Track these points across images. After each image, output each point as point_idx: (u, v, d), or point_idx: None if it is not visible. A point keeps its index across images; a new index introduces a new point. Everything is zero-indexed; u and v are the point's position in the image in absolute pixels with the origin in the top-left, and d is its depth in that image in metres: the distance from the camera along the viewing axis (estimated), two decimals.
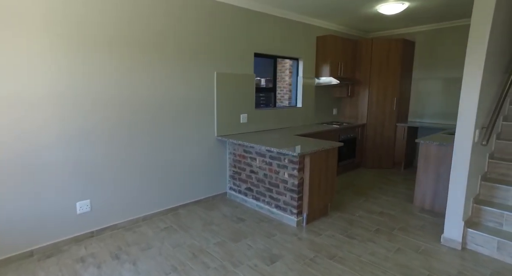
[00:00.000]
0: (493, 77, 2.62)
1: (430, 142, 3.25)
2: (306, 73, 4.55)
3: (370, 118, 5.00)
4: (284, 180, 2.99)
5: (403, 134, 4.92)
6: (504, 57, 2.81)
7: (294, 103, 4.66)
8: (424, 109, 5.15)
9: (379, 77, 4.87)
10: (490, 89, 2.61)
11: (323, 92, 4.96)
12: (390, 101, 4.91)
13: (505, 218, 2.55)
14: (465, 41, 4.80)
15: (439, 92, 4.96)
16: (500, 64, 2.74)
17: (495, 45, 2.47)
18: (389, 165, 5.09)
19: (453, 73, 4.76)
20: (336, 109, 5.31)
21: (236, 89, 3.64)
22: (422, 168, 3.37)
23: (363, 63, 4.94)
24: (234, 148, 3.55)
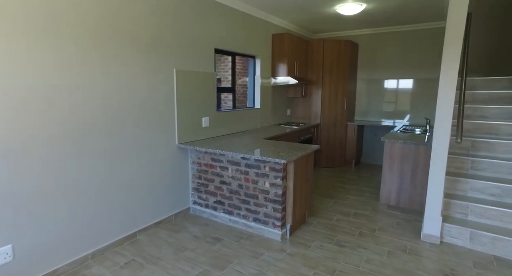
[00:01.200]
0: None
1: (395, 141, 3.35)
2: (263, 72, 4.32)
3: (324, 118, 5.05)
4: (264, 190, 2.69)
5: (354, 132, 5.11)
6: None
7: (252, 104, 4.39)
8: (368, 108, 5.45)
9: (330, 77, 4.95)
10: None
11: (279, 92, 4.81)
12: (341, 101, 5.04)
13: (470, 209, 2.73)
14: (402, 46, 5.34)
15: (378, 92, 5.30)
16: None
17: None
18: (341, 163, 5.24)
19: (390, 75, 5.13)
20: (290, 109, 5.23)
21: (197, 89, 3.19)
22: (388, 166, 3.47)
23: (315, 63, 4.96)
24: (198, 157, 3.09)
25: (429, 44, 4.79)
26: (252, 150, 2.76)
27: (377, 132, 5.42)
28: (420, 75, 4.92)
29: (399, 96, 5.14)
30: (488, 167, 2.98)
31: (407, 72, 5.02)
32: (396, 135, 3.64)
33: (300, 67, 4.71)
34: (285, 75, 4.40)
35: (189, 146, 2.96)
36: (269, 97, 4.56)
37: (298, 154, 2.60)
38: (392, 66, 5.13)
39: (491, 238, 2.51)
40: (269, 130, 4.07)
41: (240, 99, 6.53)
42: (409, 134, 3.85)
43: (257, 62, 4.25)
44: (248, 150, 2.76)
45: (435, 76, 4.80)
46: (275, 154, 2.56)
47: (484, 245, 2.53)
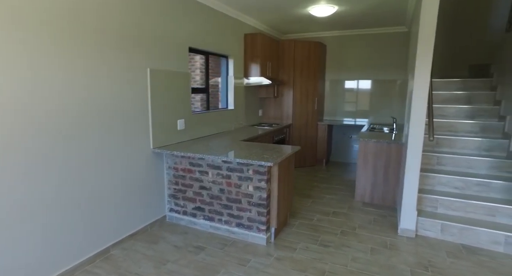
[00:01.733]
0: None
1: (369, 139, 3.47)
2: (236, 72, 4.23)
3: (295, 118, 5.10)
4: (248, 194, 2.62)
5: (324, 132, 5.23)
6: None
7: (225, 105, 4.28)
8: (335, 108, 5.61)
9: (301, 77, 5.01)
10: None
11: (251, 92, 4.76)
12: (312, 101, 5.13)
13: (439, 203, 2.91)
14: (367, 48, 5.58)
15: (344, 93, 5.49)
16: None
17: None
18: (313, 163, 5.33)
19: (355, 76, 5.34)
20: (262, 110, 5.21)
21: (172, 89, 3.01)
22: (362, 165, 3.58)
23: (287, 63, 4.98)
24: (175, 162, 2.92)
25: (391, 47, 5.06)
26: (233, 152, 2.67)
27: (346, 131, 5.61)
28: (381, 76, 5.17)
29: (362, 96, 5.36)
30: (450, 162, 3.21)
31: (370, 74, 5.25)
32: (369, 134, 3.77)
33: (272, 67, 4.69)
34: (258, 75, 4.35)
35: (165, 150, 2.78)
36: (242, 97, 4.48)
37: (282, 156, 2.57)
38: (357, 68, 5.33)
39: (459, 229, 2.69)
40: (244, 132, 3.99)
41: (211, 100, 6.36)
42: (378, 133, 4.02)
43: (230, 62, 4.15)
44: (228, 153, 2.67)
45: (395, 77, 5.08)
46: (259, 157, 2.50)
47: (453, 235, 2.71)
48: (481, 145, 3.25)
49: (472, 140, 3.28)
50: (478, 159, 3.09)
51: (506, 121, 3.25)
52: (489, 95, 3.69)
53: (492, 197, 2.87)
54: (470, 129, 3.47)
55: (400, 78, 5.05)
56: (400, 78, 5.06)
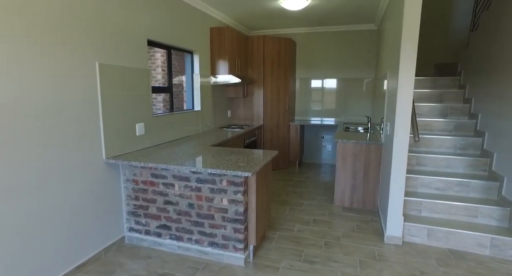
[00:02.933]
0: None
1: (347, 140, 3.29)
2: (202, 69, 3.84)
3: (266, 118, 4.82)
4: (222, 208, 2.27)
5: (297, 132, 5.02)
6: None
7: (191, 106, 3.87)
8: (306, 107, 5.43)
9: (272, 76, 4.74)
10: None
11: (219, 92, 4.39)
12: (283, 100, 4.89)
13: (422, 205, 2.80)
14: (336, 46, 5.47)
15: (314, 91, 5.33)
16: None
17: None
18: (286, 165, 5.10)
19: (323, 74, 5.21)
20: (231, 110, 4.86)
21: (128, 88, 2.56)
22: (341, 167, 3.39)
23: (256, 61, 4.69)
24: (134, 173, 2.48)
25: (359, 45, 4.99)
26: (203, 161, 2.31)
27: (317, 131, 5.45)
28: (351, 75, 5.09)
29: (331, 95, 5.24)
30: (430, 162, 3.12)
31: (339, 72, 5.14)
32: (345, 134, 3.60)
33: (241, 64, 4.37)
34: (226, 73, 4.00)
35: (121, 160, 2.34)
36: (209, 97, 4.10)
37: (260, 163, 2.26)
38: (326, 66, 5.19)
39: (445, 233, 2.58)
40: (213, 135, 3.62)
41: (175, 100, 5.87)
42: (354, 133, 3.88)
43: (195, 58, 3.75)
44: (197, 161, 2.30)
45: (364, 76, 5.02)
46: (234, 165, 2.17)
47: (440, 240, 2.59)
48: (456, 144, 3.21)
49: (448, 139, 3.23)
50: (455, 159, 3.03)
51: (478, 119, 3.24)
52: (458, 93, 3.70)
53: (473, 197, 2.81)
54: (444, 127, 3.43)
55: (369, 77, 5.00)
56: (368, 77, 5.00)
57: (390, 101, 2.80)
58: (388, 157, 2.79)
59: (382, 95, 3.53)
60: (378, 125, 3.82)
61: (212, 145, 3.01)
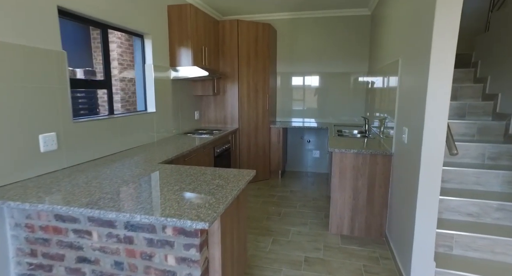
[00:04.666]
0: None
1: (346, 150, 2.52)
2: (157, 60, 2.95)
3: (243, 121, 3.99)
4: (167, 271, 1.41)
5: (278, 137, 4.22)
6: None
7: (143, 107, 2.97)
8: (289, 107, 4.65)
9: (248, 69, 3.91)
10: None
11: (182, 89, 3.50)
12: (262, 99, 4.08)
13: (454, 240, 2.07)
14: (324, 34, 4.71)
15: (299, 89, 4.57)
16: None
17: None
18: (266, 176, 4.29)
19: (310, 68, 4.45)
20: (199, 111, 3.98)
21: (25, 80, 1.64)
22: (337, 184, 2.62)
23: (229, 50, 3.84)
24: (28, 214, 1.57)
25: (351, 33, 4.26)
26: (136, 196, 1.45)
27: (302, 133, 4.68)
28: (340, 69, 4.36)
29: (319, 92, 4.50)
30: (454, 177, 2.40)
31: (326, 65, 4.40)
32: (340, 141, 2.83)
33: (210, 54, 3.51)
34: (190, 64, 3.13)
35: (5, 199, 1.42)
36: (169, 96, 3.21)
37: (228, 197, 1.42)
38: (311, 58, 4.43)
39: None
40: (170, 145, 2.75)
41: (130, 100, 4.91)
42: (350, 138, 3.12)
43: (147, 44, 2.86)
44: (123, 195, 1.43)
45: (355, 69, 4.30)
46: (183, 205, 1.32)
47: None
48: (485, 152, 2.51)
49: (473, 146, 2.53)
50: (487, 172, 2.33)
51: (510, 121, 2.56)
52: (476, 88, 3.03)
53: None
54: (465, 130, 2.73)
55: (362, 71, 4.28)
56: (361, 71, 4.29)
57: (409, 100, 2.04)
58: (405, 172, 2.04)
59: (384, 92, 2.80)
60: (375, 127, 3.10)
61: (164, 162, 2.14)
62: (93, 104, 2.81)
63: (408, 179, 1.98)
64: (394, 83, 2.47)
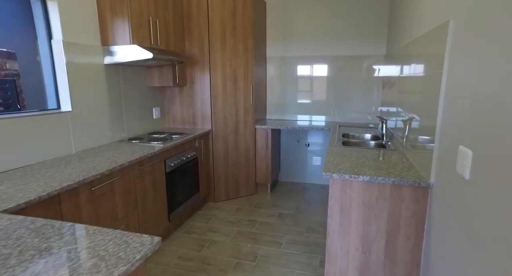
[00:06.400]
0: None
1: (353, 177, 1.53)
2: (73, 33, 2.01)
3: (217, 120, 3.03)
4: None
5: (266, 140, 3.25)
6: None
7: (55, 104, 2.04)
8: (284, 102, 3.66)
9: (223, 52, 2.93)
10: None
11: (127, 78, 2.56)
12: (244, 91, 3.10)
13: None
14: (325, 7, 3.50)
15: (296, 77, 3.56)
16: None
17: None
18: (251, 190, 3.34)
19: (310, 50, 3.43)
20: (159, 108, 3.04)
21: None
22: (337, 230, 1.65)
23: (197, 26, 2.86)
24: None
25: (364, 4, 3.21)
26: None
27: (300, 135, 3.70)
28: (349, 51, 3.33)
29: (318, 82, 3.48)
30: None
31: (331, 47, 3.37)
32: (347, 155, 1.84)
33: (165, 30, 2.54)
34: (128, 42, 2.18)
35: None
36: (102, 88, 2.28)
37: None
38: (311, 38, 3.41)
39: None
40: (88, 161, 1.82)
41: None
42: (360, 149, 2.12)
43: (52, 8, 1.91)
44: None
45: (370, 52, 3.26)
46: None
47: None
48: None
49: None
50: None
51: None
52: None
53: None
54: None
55: (377, 54, 3.24)
56: (376, 53, 3.25)
57: (477, 101, 1.03)
58: (464, 220, 1.06)
59: (412, 82, 1.78)
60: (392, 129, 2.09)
61: (49, 196, 1.21)
62: (11, 97, 1.91)
63: (459, 228, 1.00)
64: (433, 67, 1.45)
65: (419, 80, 1.70)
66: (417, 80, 1.74)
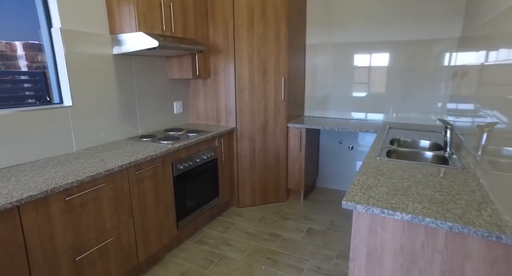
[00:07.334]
0: None
1: (387, 212, 1.05)
2: (74, 20, 1.83)
3: (243, 116, 2.69)
4: None
5: (299, 141, 2.81)
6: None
7: (58, 99, 1.91)
8: (325, 97, 3.14)
9: (250, 39, 2.55)
10: None
11: (141, 70, 2.35)
12: (275, 84, 2.69)
13: None
14: None
15: (345, 67, 3.00)
16: None
17: None
18: (281, 196, 2.95)
19: (363, 35, 2.83)
20: (181, 102, 2.80)
21: None
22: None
23: (220, 10, 2.52)
24: None
25: None
26: None
27: (344, 137, 3.16)
28: (411, 35, 2.65)
29: (373, 73, 2.87)
30: None
31: (388, 30, 2.73)
32: (383, 178, 1.33)
33: (181, 14, 2.25)
34: (133, 28, 1.94)
35: None
36: (110, 81, 2.09)
37: None
38: (366, 21, 2.81)
39: None
40: (79, 163, 1.65)
41: None
42: (406, 165, 1.57)
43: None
44: None
45: (440, 35, 2.55)
46: None
47: None
48: None
49: None
50: None
51: None
52: None
53: None
54: None
55: (447, 37, 2.53)
56: (446, 38, 2.53)
57: None
58: None
59: (504, 70, 1.18)
60: (460, 133, 1.46)
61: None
62: (41, 89, 1.87)
63: None
64: None
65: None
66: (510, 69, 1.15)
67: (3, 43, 1.70)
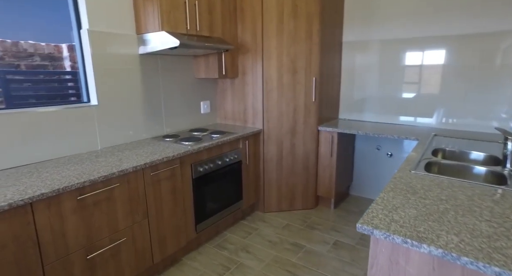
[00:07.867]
0: None
1: (414, 243, 0.86)
2: (101, 21, 1.87)
3: (270, 118, 2.57)
4: None
5: (331, 145, 2.61)
6: None
7: (86, 98, 1.97)
8: (363, 98, 2.89)
9: (280, 37, 2.41)
10: None
11: (167, 69, 2.35)
12: (306, 84, 2.52)
13: None
14: None
15: (389, 67, 2.71)
16: None
17: None
18: (309, 203, 2.78)
19: (410, 30, 2.52)
20: (209, 102, 2.77)
21: None
22: None
23: (249, 7, 2.43)
24: None
25: None
26: None
27: (382, 143, 2.88)
28: (469, 28, 2.29)
29: (425, 72, 2.55)
30: None
31: (442, 23, 2.40)
32: (414, 196, 1.13)
33: (208, 12, 2.20)
34: (158, 28, 1.93)
35: None
36: (136, 80, 2.12)
37: None
38: (414, 13, 2.51)
39: None
40: (98, 161, 1.67)
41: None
42: (453, 180, 1.32)
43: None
44: None
45: (507, 26, 2.17)
46: None
47: None
48: None
49: None
50: None
51: None
52: None
53: None
54: None
55: None
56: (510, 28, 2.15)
57: None
58: None
59: None
60: None
61: None
62: (78, 89, 1.99)
63: None
64: None
65: None
66: None
67: (52, 45, 1.79)
